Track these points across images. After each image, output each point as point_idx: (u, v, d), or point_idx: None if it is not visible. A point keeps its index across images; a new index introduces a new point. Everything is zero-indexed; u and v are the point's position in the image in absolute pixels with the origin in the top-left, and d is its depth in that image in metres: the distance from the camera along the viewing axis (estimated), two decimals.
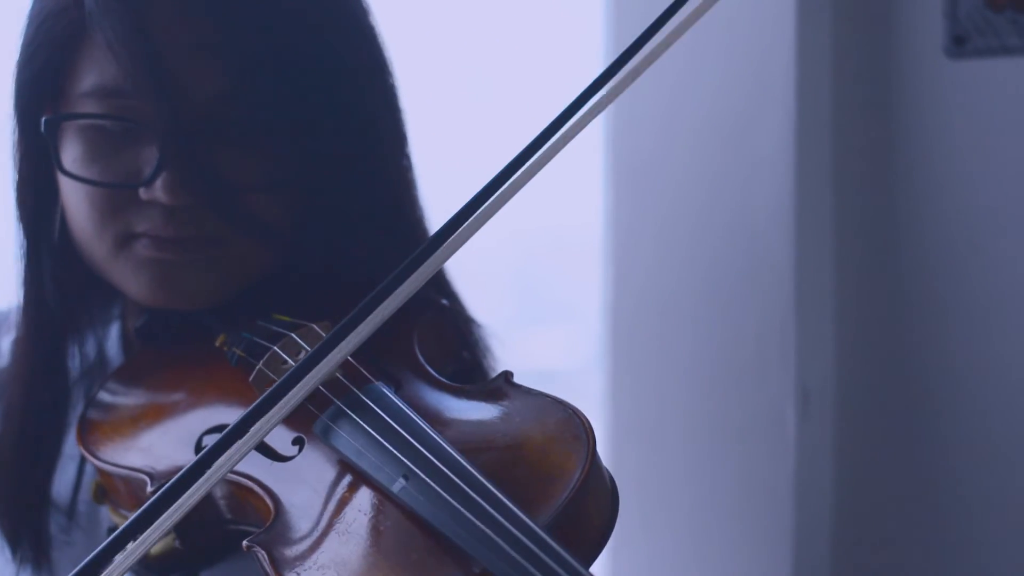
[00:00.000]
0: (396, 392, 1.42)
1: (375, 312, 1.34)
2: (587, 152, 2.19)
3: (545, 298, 2.78)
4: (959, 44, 1.90)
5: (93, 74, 1.57)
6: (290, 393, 1.32)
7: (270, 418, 1.31)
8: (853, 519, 2.02)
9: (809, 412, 2.01)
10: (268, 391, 1.32)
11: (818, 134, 2.00)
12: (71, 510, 1.65)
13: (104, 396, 1.62)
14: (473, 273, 1.73)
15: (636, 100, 2.13)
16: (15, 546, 1.64)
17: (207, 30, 1.54)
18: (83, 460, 1.65)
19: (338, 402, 1.39)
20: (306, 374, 1.33)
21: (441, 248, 1.36)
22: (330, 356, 1.33)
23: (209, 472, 1.28)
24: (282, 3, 1.57)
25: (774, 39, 2.00)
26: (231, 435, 1.30)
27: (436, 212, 1.70)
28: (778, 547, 2.01)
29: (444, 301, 1.65)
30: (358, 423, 1.36)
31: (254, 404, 1.31)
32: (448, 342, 1.61)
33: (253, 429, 1.30)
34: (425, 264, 1.35)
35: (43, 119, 1.59)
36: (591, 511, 1.28)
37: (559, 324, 2.73)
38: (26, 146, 1.63)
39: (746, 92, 2.04)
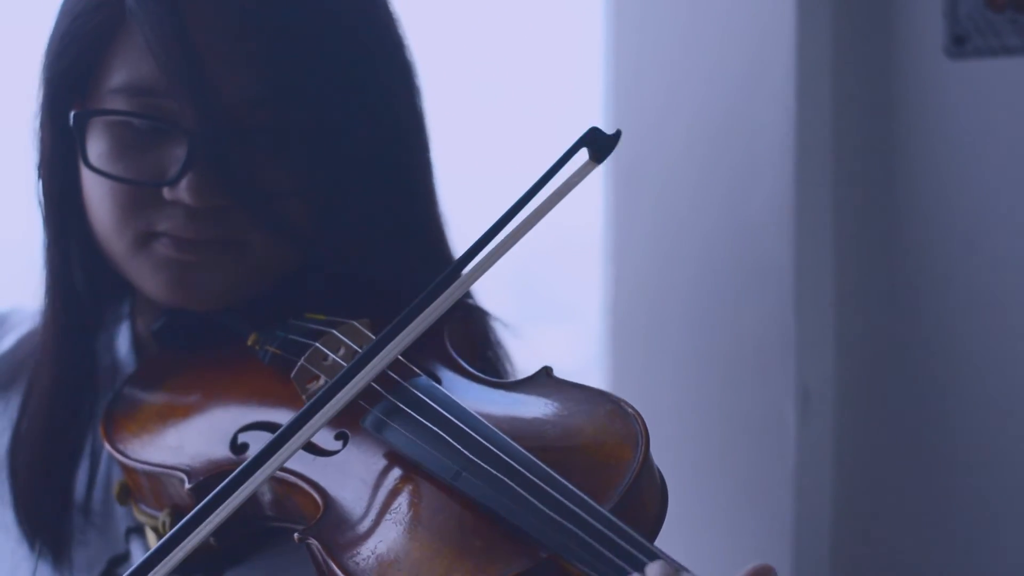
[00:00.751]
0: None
1: (428, 309, 1.36)
2: None
3: (545, 298, 2.78)
4: (959, 44, 1.90)
5: (125, 71, 1.57)
6: (343, 390, 1.34)
7: (322, 416, 1.33)
8: (853, 519, 2.02)
9: (809, 412, 2.01)
10: (325, 388, 1.34)
11: (818, 134, 2.00)
12: (87, 508, 1.65)
13: (128, 393, 1.63)
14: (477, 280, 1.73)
15: (635, 100, 2.13)
16: (33, 540, 1.64)
17: (244, 35, 1.55)
18: (96, 457, 1.65)
19: (389, 396, 1.40)
20: (359, 371, 1.35)
21: (499, 241, 1.37)
22: (383, 353, 1.36)
23: (262, 468, 1.30)
24: (316, 11, 1.58)
25: (774, 39, 2.00)
26: (286, 433, 1.31)
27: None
28: (778, 547, 2.01)
29: (470, 301, 1.66)
30: (411, 415, 1.37)
31: (310, 402, 1.33)
32: (475, 341, 1.62)
33: (305, 427, 1.32)
34: (481, 259, 1.37)
35: (73, 113, 1.59)
36: (646, 500, 1.29)
37: (559, 324, 2.73)
38: (53, 138, 1.63)
39: (746, 92, 2.04)
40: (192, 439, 1.53)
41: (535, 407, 1.39)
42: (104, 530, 1.65)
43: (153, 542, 1.55)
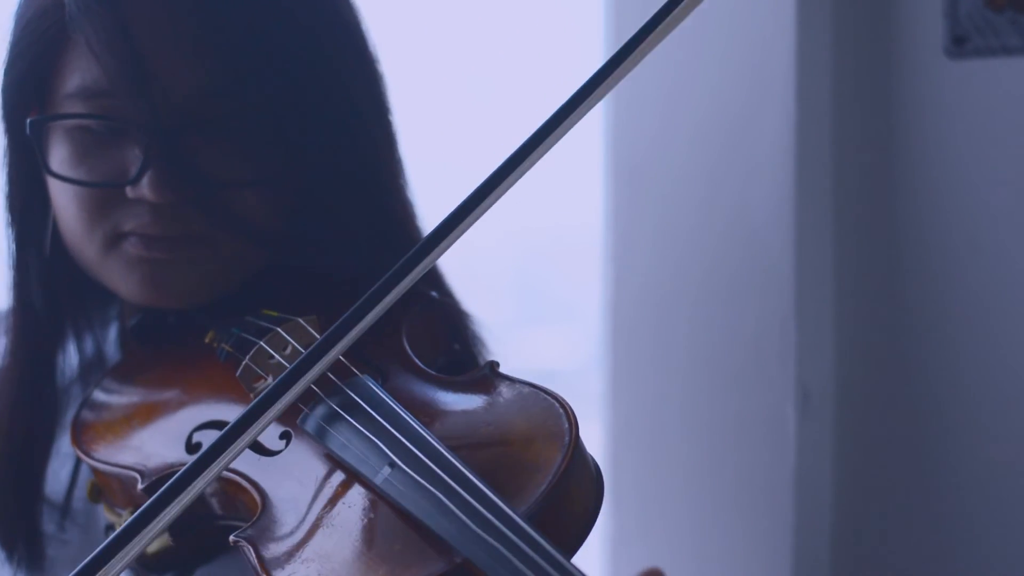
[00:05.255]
0: (382, 384, 1.42)
1: (368, 313, 1.34)
2: (587, 152, 2.19)
3: (545, 298, 2.79)
4: (959, 44, 1.90)
5: (77, 75, 1.57)
6: (286, 395, 1.32)
7: (265, 418, 1.31)
8: (853, 519, 2.02)
9: (809, 412, 2.01)
10: (264, 392, 1.32)
11: (818, 134, 2.00)
12: (66, 508, 1.65)
13: (98, 396, 1.63)
14: (473, 273, 1.73)
15: (636, 100, 2.13)
16: (11, 550, 1.64)
17: (188, 28, 1.54)
18: (79, 458, 1.65)
19: (323, 396, 1.40)
20: (302, 375, 1.33)
21: (434, 250, 1.35)
22: (325, 357, 1.33)
23: (206, 471, 1.29)
24: (264, 0, 1.57)
25: (774, 39, 2.00)
26: (228, 434, 1.30)
27: (434, 213, 1.70)
28: (778, 547, 2.01)
29: (433, 294, 1.65)
30: (342, 416, 1.37)
31: (251, 405, 1.31)
32: (438, 335, 1.62)
33: (249, 429, 1.31)
34: (417, 267, 1.35)
35: (28, 120, 1.59)
36: (574, 499, 1.28)
37: (559, 324, 2.74)
38: (14, 148, 1.63)
39: (746, 92, 2.04)
40: (151, 439, 1.53)
41: (474, 404, 1.39)
42: (87, 528, 1.65)
43: None
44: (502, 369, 1.43)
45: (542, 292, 2.78)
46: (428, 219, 1.70)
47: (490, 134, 2.48)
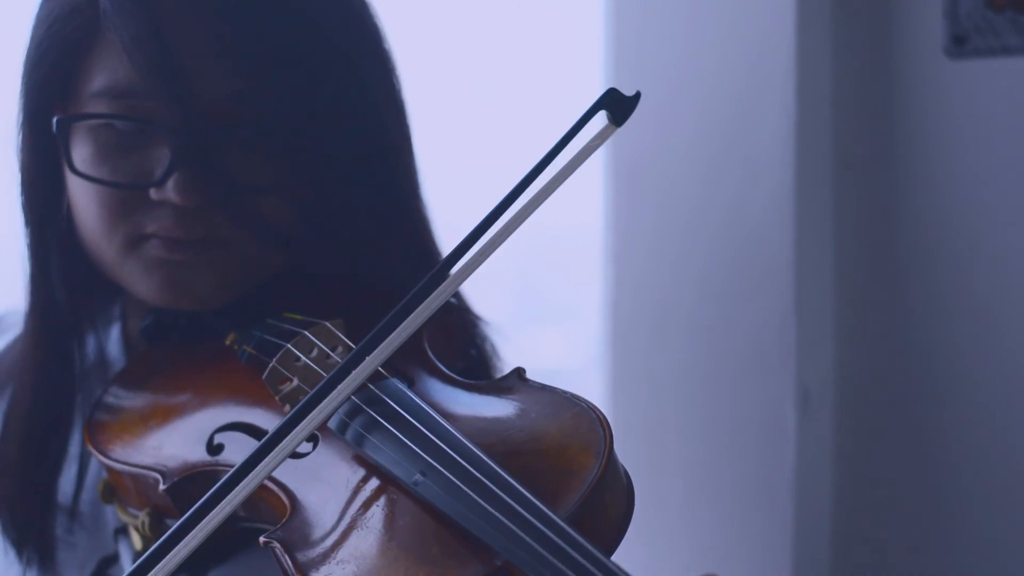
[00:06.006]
0: (410, 388, 1.42)
1: (408, 319, 1.34)
2: None
3: (545, 298, 2.79)
4: (959, 44, 1.90)
5: (104, 74, 1.57)
6: (325, 402, 1.32)
7: (306, 426, 1.31)
8: (853, 519, 2.02)
9: (809, 412, 2.01)
10: (305, 400, 1.32)
11: (818, 134, 2.00)
12: (73, 510, 1.65)
13: (112, 396, 1.63)
14: (473, 273, 1.73)
15: None
16: (21, 549, 1.64)
17: (220, 32, 1.54)
18: (85, 460, 1.65)
19: (355, 398, 1.39)
20: (341, 381, 1.33)
21: (474, 252, 1.36)
22: (367, 363, 1.34)
23: (247, 478, 1.29)
24: (293, 5, 1.58)
25: (774, 39, 2.00)
26: (269, 442, 1.30)
27: (437, 210, 1.71)
28: (778, 547, 2.01)
29: (452, 299, 1.65)
30: (376, 419, 1.37)
31: (291, 413, 1.32)
32: (456, 339, 1.62)
33: (289, 436, 1.31)
34: (458, 269, 1.36)
35: (55, 119, 1.59)
36: (608, 505, 1.28)
37: (559, 324, 2.74)
38: (34, 146, 1.63)
39: (746, 92, 2.04)
40: (170, 440, 1.53)
41: (503, 410, 1.39)
42: (94, 531, 1.65)
43: (136, 541, 1.55)
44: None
45: (542, 292, 2.78)
46: (435, 218, 1.71)
47: (492, 137, 2.48)
